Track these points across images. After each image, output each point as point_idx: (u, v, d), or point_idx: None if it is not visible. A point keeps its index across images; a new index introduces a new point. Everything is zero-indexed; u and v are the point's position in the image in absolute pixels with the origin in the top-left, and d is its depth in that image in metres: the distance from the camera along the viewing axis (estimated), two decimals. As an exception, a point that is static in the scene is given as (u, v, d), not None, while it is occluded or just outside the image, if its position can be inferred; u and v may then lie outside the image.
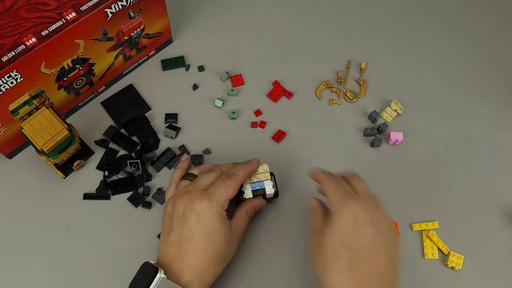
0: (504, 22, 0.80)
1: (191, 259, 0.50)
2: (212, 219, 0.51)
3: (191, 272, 0.50)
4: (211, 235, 0.51)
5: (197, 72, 0.73)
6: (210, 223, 0.51)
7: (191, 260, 0.50)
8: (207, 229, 0.51)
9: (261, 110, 0.70)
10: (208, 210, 0.51)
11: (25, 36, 0.55)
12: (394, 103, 0.69)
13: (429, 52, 0.76)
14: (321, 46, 0.76)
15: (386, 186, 0.65)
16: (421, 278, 0.60)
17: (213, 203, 0.52)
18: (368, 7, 0.80)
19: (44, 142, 0.56)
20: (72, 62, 0.61)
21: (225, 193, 0.53)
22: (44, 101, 0.58)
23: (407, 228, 0.63)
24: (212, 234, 0.51)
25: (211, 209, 0.51)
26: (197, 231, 0.51)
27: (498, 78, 0.74)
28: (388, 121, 0.68)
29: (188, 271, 0.50)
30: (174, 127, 0.68)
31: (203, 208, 0.51)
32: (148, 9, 0.65)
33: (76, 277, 0.59)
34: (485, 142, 0.69)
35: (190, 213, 0.51)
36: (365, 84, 0.73)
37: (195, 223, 0.51)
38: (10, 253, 0.60)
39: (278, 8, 0.80)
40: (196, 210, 0.51)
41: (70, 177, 0.65)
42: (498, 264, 0.61)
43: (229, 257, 0.55)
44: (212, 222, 0.51)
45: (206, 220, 0.51)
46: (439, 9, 0.81)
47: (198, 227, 0.51)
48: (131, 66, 0.72)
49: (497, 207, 0.64)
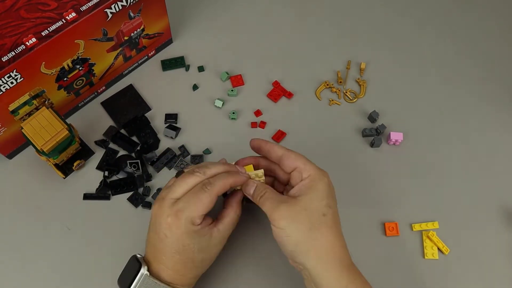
0: (504, 22, 0.80)
1: (168, 264, 0.50)
2: (180, 236, 0.48)
3: (169, 275, 0.50)
4: (182, 251, 0.49)
5: (197, 72, 0.73)
6: (178, 240, 0.49)
7: (168, 265, 0.50)
8: (176, 245, 0.49)
9: (261, 111, 0.70)
10: (176, 229, 0.48)
11: (25, 36, 0.55)
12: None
13: (429, 52, 0.77)
14: (321, 46, 0.76)
15: (386, 186, 0.65)
16: (421, 278, 0.60)
17: (182, 221, 0.48)
18: (368, 7, 0.81)
19: (44, 142, 0.56)
20: (72, 62, 0.61)
21: (196, 209, 0.48)
22: (44, 101, 0.58)
23: (407, 228, 0.63)
24: (182, 250, 0.49)
25: (179, 228, 0.48)
26: (167, 245, 0.49)
27: (498, 78, 0.74)
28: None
29: (166, 273, 0.50)
30: (174, 127, 0.68)
31: (169, 226, 0.48)
32: (148, 10, 0.65)
33: (76, 277, 0.59)
34: (485, 142, 0.69)
35: (159, 227, 0.49)
36: (365, 84, 0.73)
37: (164, 237, 0.49)
38: (10, 253, 0.60)
39: (278, 8, 0.80)
40: (163, 228, 0.49)
41: (70, 177, 0.65)
42: (498, 264, 0.61)
43: (210, 261, 0.53)
44: (181, 240, 0.49)
45: (174, 237, 0.49)
46: (439, 9, 0.81)
47: (167, 242, 0.49)
48: (131, 67, 0.72)
49: (497, 207, 0.64)
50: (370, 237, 0.62)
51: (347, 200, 0.63)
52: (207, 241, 0.50)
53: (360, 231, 0.62)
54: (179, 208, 0.49)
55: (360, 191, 0.65)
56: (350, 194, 0.64)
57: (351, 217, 0.62)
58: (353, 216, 0.62)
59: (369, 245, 0.61)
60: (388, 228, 0.62)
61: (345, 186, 0.64)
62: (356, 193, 0.65)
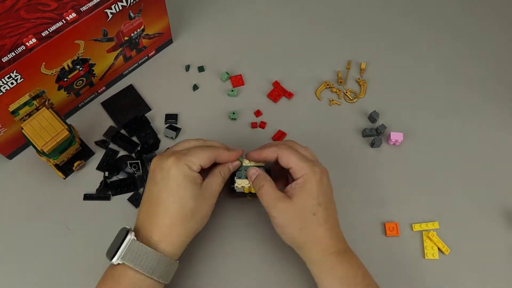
0: (504, 22, 0.80)
1: (159, 217, 0.51)
2: (176, 175, 0.51)
3: (159, 230, 0.51)
4: (175, 191, 0.51)
5: (197, 72, 0.73)
6: (174, 179, 0.51)
7: (158, 218, 0.51)
8: (170, 184, 0.51)
9: (261, 111, 0.70)
10: (174, 166, 0.51)
11: (25, 36, 0.55)
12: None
13: (429, 52, 0.77)
14: (321, 46, 0.76)
15: (386, 186, 0.65)
16: (421, 279, 0.60)
17: (180, 161, 0.52)
18: (368, 7, 0.81)
19: (44, 143, 0.56)
20: (72, 62, 0.61)
21: (196, 155, 0.53)
22: (44, 102, 0.58)
23: (407, 228, 0.63)
24: (175, 189, 0.51)
25: (177, 166, 0.51)
26: (161, 187, 0.52)
27: (498, 78, 0.74)
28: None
29: (156, 230, 0.51)
30: (174, 127, 0.68)
31: (169, 164, 0.52)
32: (148, 10, 0.65)
33: (76, 277, 0.59)
34: (485, 142, 0.69)
35: (158, 169, 0.52)
36: (365, 84, 0.73)
37: (161, 179, 0.52)
38: (10, 253, 0.60)
39: (278, 8, 0.80)
40: (162, 166, 0.52)
41: (70, 177, 0.65)
42: (498, 264, 0.61)
43: (200, 217, 0.54)
44: (176, 178, 0.51)
45: (170, 175, 0.51)
46: (439, 9, 0.81)
47: (162, 183, 0.52)
48: (131, 67, 0.72)
49: (497, 207, 0.64)
50: (370, 237, 0.62)
51: (347, 200, 0.63)
52: (198, 190, 0.53)
53: (360, 231, 0.62)
54: (181, 153, 0.53)
55: (360, 191, 0.65)
56: (350, 194, 0.64)
57: (351, 217, 0.62)
58: (353, 216, 0.63)
59: (369, 245, 0.61)
60: (388, 228, 0.62)
61: (345, 186, 0.64)
62: (356, 193, 0.65)
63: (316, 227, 0.53)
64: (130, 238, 0.50)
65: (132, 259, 0.49)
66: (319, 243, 0.52)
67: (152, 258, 0.49)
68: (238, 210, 0.63)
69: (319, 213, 0.52)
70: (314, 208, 0.52)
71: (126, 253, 0.49)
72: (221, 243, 0.61)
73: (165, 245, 0.51)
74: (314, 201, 0.53)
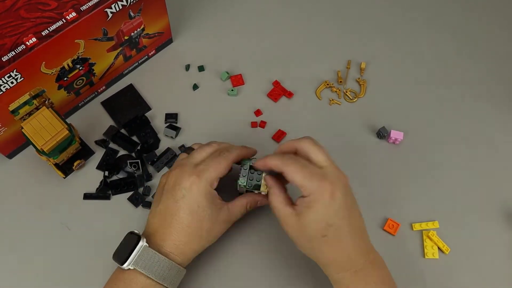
0: (504, 22, 0.80)
1: (174, 231, 0.52)
2: (198, 196, 0.52)
3: (172, 244, 0.51)
4: (195, 212, 0.52)
5: (197, 72, 0.73)
6: (195, 200, 0.52)
7: (173, 232, 0.52)
8: (191, 204, 0.52)
9: (261, 110, 0.70)
10: (196, 187, 0.52)
11: (25, 36, 0.55)
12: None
13: (429, 52, 0.77)
14: (321, 46, 0.76)
15: (386, 186, 0.65)
16: (421, 278, 0.60)
17: (202, 180, 0.52)
18: (368, 7, 0.81)
19: (44, 142, 0.56)
20: (72, 62, 0.61)
21: (214, 170, 0.53)
22: (44, 101, 0.58)
23: (407, 227, 0.63)
24: (196, 210, 0.52)
25: (199, 186, 0.52)
26: (182, 206, 0.52)
27: (498, 78, 0.74)
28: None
29: (169, 242, 0.51)
30: (174, 127, 0.68)
31: (190, 183, 0.52)
32: (148, 9, 0.65)
33: (76, 277, 0.59)
34: (485, 142, 0.69)
35: (179, 187, 0.52)
36: (365, 84, 0.73)
37: (181, 197, 0.52)
38: (10, 253, 0.60)
39: (278, 7, 0.80)
40: (184, 186, 0.52)
41: (70, 177, 0.65)
42: (498, 264, 0.61)
43: (213, 237, 0.54)
44: (197, 199, 0.52)
45: (192, 196, 0.52)
46: (439, 9, 0.81)
47: (183, 202, 0.52)
48: (131, 66, 0.72)
49: (497, 207, 0.64)
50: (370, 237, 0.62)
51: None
52: (217, 212, 0.53)
53: (360, 230, 0.62)
54: (201, 169, 0.53)
55: (360, 190, 0.65)
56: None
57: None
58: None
59: (369, 245, 0.61)
60: (388, 226, 0.62)
61: (345, 185, 0.64)
62: (356, 192, 0.64)
63: (327, 249, 0.50)
64: (142, 244, 0.50)
65: (144, 266, 0.49)
66: (330, 264, 0.51)
67: (164, 266, 0.50)
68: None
69: (329, 235, 0.49)
70: (323, 230, 0.49)
71: (138, 259, 0.49)
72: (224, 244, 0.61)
73: (177, 255, 0.52)
74: (322, 224, 0.49)
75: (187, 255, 0.53)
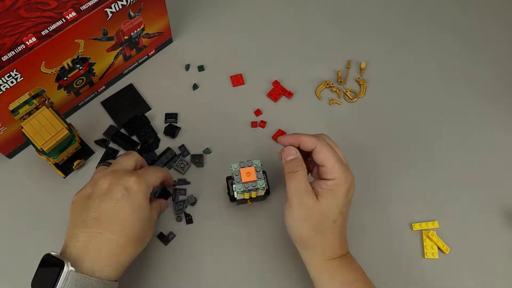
0: (504, 22, 0.80)
1: (112, 235, 0.48)
2: (139, 196, 0.51)
3: (109, 250, 0.48)
4: (137, 211, 0.50)
5: (197, 72, 0.73)
6: (137, 199, 0.51)
7: (111, 236, 0.48)
8: (133, 203, 0.50)
9: (261, 110, 0.70)
10: (137, 186, 0.51)
11: (25, 35, 0.55)
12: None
13: (429, 52, 0.76)
14: (321, 46, 0.76)
15: (386, 186, 0.65)
16: (421, 278, 0.60)
17: (142, 181, 0.52)
18: (368, 7, 0.80)
19: (44, 142, 0.56)
20: (72, 61, 0.61)
21: (154, 176, 0.54)
22: (44, 101, 0.58)
23: (407, 227, 0.63)
24: (137, 210, 0.50)
25: (140, 186, 0.51)
26: (123, 204, 0.50)
27: (498, 78, 0.74)
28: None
29: (105, 250, 0.48)
30: (174, 127, 0.68)
31: (132, 183, 0.51)
32: (148, 9, 0.65)
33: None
34: (485, 142, 0.69)
35: (117, 187, 0.50)
36: (365, 84, 0.73)
37: (121, 196, 0.50)
38: (9, 252, 0.60)
39: (278, 7, 0.80)
40: (124, 185, 0.50)
41: (70, 176, 0.65)
42: (498, 264, 0.61)
43: (146, 242, 0.53)
44: (139, 198, 0.51)
45: (134, 195, 0.50)
46: (439, 9, 0.81)
47: (124, 200, 0.50)
48: (131, 66, 0.72)
49: (497, 207, 0.64)
50: (370, 237, 0.62)
51: (347, 200, 0.63)
52: (150, 212, 0.53)
53: (360, 231, 0.62)
54: (140, 172, 0.53)
55: (360, 190, 0.65)
56: (350, 193, 0.64)
57: (351, 217, 0.62)
58: (352, 216, 0.62)
59: (369, 245, 0.61)
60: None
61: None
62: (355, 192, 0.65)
63: (331, 234, 0.51)
64: (68, 269, 0.44)
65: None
66: (327, 249, 0.51)
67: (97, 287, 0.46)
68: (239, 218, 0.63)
69: (338, 221, 0.51)
70: (336, 215, 0.51)
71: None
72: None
73: (112, 267, 0.48)
74: (338, 209, 0.51)
75: (123, 264, 0.50)
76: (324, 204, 0.50)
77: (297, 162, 0.52)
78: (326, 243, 0.51)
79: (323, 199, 0.51)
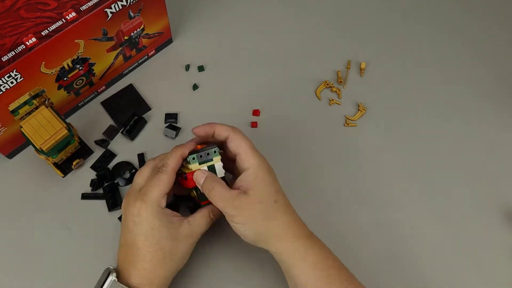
0: (504, 22, 0.80)
1: (137, 261, 0.51)
2: (149, 219, 0.51)
3: (139, 274, 0.50)
4: (151, 235, 0.51)
5: (197, 72, 0.73)
6: (147, 223, 0.51)
7: (136, 262, 0.51)
8: (145, 229, 0.51)
9: (261, 110, 0.70)
10: (144, 211, 0.51)
11: (25, 36, 0.55)
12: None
13: (429, 52, 0.76)
14: (321, 46, 0.76)
15: (386, 186, 0.65)
16: (421, 278, 0.60)
17: (148, 203, 0.51)
18: (368, 7, 0.81)
19: (43, 141, 0.56)
20: (72, 62, 0.61)
21: (158, 189, 0.51)
22: (44, 101, 0.58)
23: (407, 228, 0.62)
24: (151, 234, 0.51)
25: (146, 210, 0.51)
26: (137, 233, 0.51)
27: (498, 78, 0.74)
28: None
29: (136, 274, 0.50)
30: (174, 127, 0.68)
31: (138, 210, 0.51)
32: (148, 9, 0.65)
33: (76, 277, 0.59)
34: (485, 142, 0.69)
35: (130, 216, 0.52)
36: (363, 112, 0.72)
37: (133, 226, 0.51)
38: (9, 252, 0.60)
39: (278, 7, 0.80)
40: (133, 213, 0.51)
41: (69, 176, 0.65)
42: (498, 265, 0.61)
43: (179, 257, 0.53)
44: (149, 222, 0.51)
45: (143, 221, 0.51)
46: (439, 9, 0.81)
47: (137, 229, 0.51)
48: (131, 66, 0.72)
49: (497, 207, 0.64)
50: (370, 237, 0.62)
51: (347, 200, 0.63)
52: (175, 229, 0.52)
53: (360, 231, 0.62)
54: (143, 192, 0.52)
55: (360, 190, 0.65)
56: (350, 194, 0.64)
57: (351, 217, 0.62)
58: (352, 216, 0.62)
59: (369, 245, 0.61)
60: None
61: (345, 186, 0.64)
62: (355, 192, 0.65)
63: (281, 214, 0.51)
64: (111, 279, 0.49)
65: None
66: (287, 231, 0.51)
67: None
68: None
69: (280, 200, 0.51)
70: (274, 195, 0.51)
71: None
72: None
73: (145, 286, 0.50)
74: (272, 189, 0.51)
75: (157, 284, 0.51)
76: (255, 192, 0.50)
77: (210, 179, 0.52)
78: (283, 226, 0.51)
79: (252, 190, 0.50)
